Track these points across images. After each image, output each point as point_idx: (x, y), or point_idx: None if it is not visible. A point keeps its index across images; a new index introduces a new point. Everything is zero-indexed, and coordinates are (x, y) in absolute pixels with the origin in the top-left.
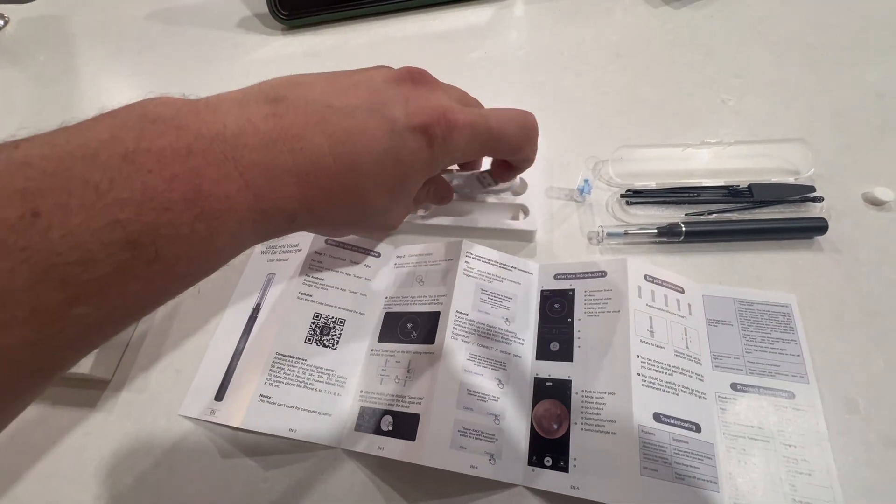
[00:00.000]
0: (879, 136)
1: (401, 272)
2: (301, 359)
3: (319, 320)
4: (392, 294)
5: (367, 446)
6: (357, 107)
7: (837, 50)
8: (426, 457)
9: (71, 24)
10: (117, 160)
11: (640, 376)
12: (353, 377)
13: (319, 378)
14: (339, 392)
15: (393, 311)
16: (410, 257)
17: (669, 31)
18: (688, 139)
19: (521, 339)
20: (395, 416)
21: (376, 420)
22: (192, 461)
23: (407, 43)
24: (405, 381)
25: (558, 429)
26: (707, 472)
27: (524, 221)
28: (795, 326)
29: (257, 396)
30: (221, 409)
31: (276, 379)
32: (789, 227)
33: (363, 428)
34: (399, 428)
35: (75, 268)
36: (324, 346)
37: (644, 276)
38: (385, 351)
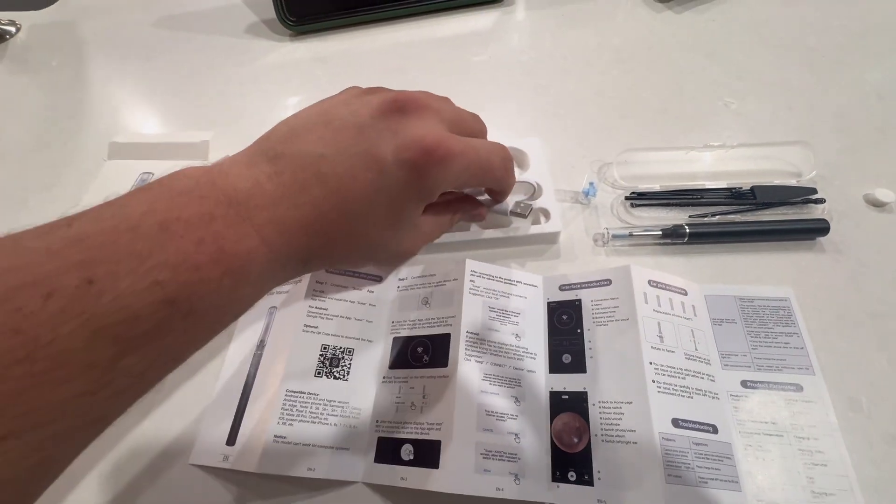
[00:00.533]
0: (880, 137)
1: (405, 295)
2: (313, 394)
3: (328, 352)
4: (398, 318)
5: (390, 478)
6: (346, 151)
7: (838, 52)
8: (452, 484)
9: (81, 31)
10: (155, 230)
11: (655, 383)
12: (368, 407)
13: (333, 412)
14: (355, 424)
15: (400, 336)
16: (413, 279)
17: (671, 35)
18: (691, 142)
19: (533, 353)
20: (415, 444)
21: (396, 450)
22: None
23: (413, 48)
24: (421, 407)
25: (579, 442)
26: (728, 472)
27: (547, 224)
28: (796, 319)
29: (272, 437)
30: (234, 454)
31: (290, 417)
32: (791, 229)
33: (383, 459)
34: (421, 456)
35: (123, 325)
36: (335, 377)
37: (648, 281)
38: (397, 378)
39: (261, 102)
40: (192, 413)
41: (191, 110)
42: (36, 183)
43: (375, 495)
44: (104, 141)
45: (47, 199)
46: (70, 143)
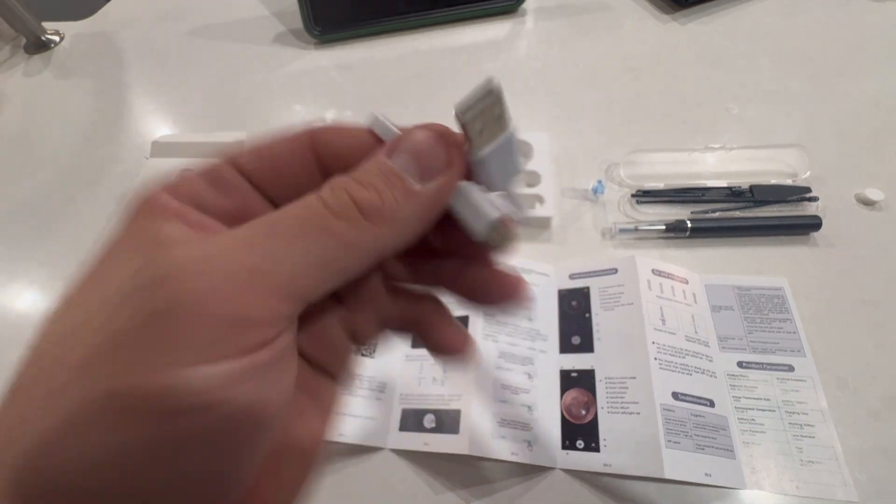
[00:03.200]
0: (873, 141)
1: None
2: None
3: None
4: None
5: (414, 443)
6: None
7: (837, 62)
8: (472, 447)
9: (120, 40)
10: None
11: (657, 360)
12: (393, 383)
13: (361, 385)
14: (381, 397)
15: None
16: None
17: (677, 45)
18: (694, 145)
19: (545, 335)
20: (436, 413)
21: (419, 419)
22: None
23: (430, 56)
24: (443, 380)
25: (586, 414)
26: (723, 441)
27: (541, 209)
28: (789, 306)
29: None
30: None
31: None
32: (786, 224)
33: (407, 428)
34: (442, 424)
35: None
36: (362, 355)
37: (651, 270)
38: (420, 356)
39: (289, 105)
40: None
41: (224, 113)
42: (82, 180)
43: (401, 460)
44: (145, 141)
45: (93, 195)
46: (113, 144)
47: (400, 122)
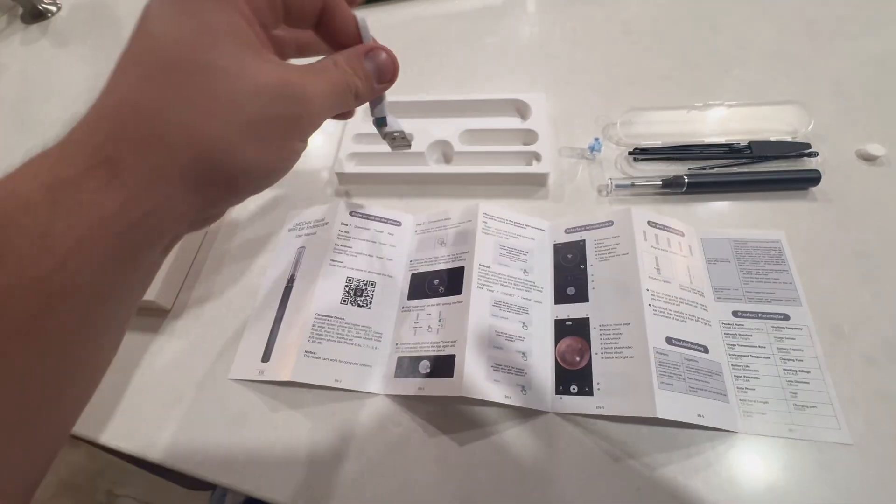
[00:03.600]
0: (875, 100)
1: (423, 237)
2: (339, 318)
3: (352, 283)
4: (416, 257)
5: (408, 388)
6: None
7: (836, 23)
8: (465, 389)
9: (118, 8)
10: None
11: (651, 307)
12: (388, 332)
13: (357, 334)
14: (377, 346)
15: (419, 272)
16: (430, 223)
17: (676, 8)
18: (694, 104)
19: (540, 287)
20: (431, 360)
21: (414, 366)
22: (242, 416)
23: (434, 21)
24: (437, 329)
25: (580, 361)
26: (717, 386)
27: (537, 166)
28: (786, 258)
29: (303, 352)
30: (269, 368)
31: (319, 336)
32: (785, 178)
33: (403, 374)
34: (437, 369)
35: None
36: (358, 305)
37: (647, 222)
38: (415, 307)
39: None
40: (229, 336)
41: None
42: None
43: (395, 405)
44: None
45: None
46: None
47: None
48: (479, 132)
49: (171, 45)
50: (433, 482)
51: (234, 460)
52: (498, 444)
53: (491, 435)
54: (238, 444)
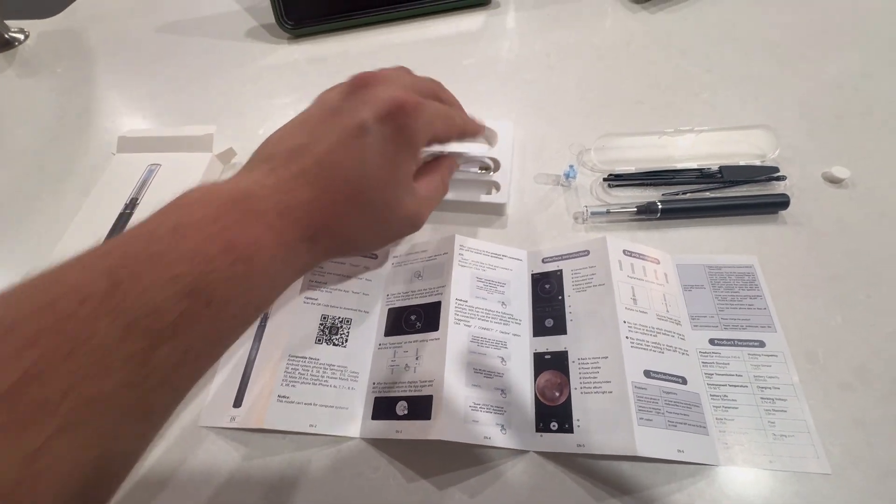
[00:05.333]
0: (838, 122)
1: (399, 270)
2: (314, 358)
3: (327, 321)
4: (392, 291)
5: (386, 431)
6: (329, 131)
7: (801, 47)
8: (443, 432)
9: (88, 37)
10: (169, 234)
11: (629, 339)
12: (365, 371)
13: (333, 375)
14: (353, 386)
15: (395, 307)
16: (406, 255)
17: (647, 33)
18: (665, 129)
19: (518, 319)
20: (409, 400)
21: (391, 407)
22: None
23: (405, 48)
24: (415, 367)
25: (560, 396)
26: (696, 418)
27: (496, 196)
28: (760, 283)
29: (276, 397)
30: (241, 415)
31: (292, 379)
32: (755, 203)
33: (380, 416)
34: (414, 410)
35: (150, 318)
36: (334, 344)
37: (623, 251)
38: (392, 343)
39: (261, 100)
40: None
41: (195, 108)
42: (48, 177)
43: (373, 449)
44: (112, 137)
45: (59, 191)
46: (80, 140)
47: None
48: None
49: (366, 185)
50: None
51: None
52: (478, 486)
53: (471, 477)
54: (208, 495)
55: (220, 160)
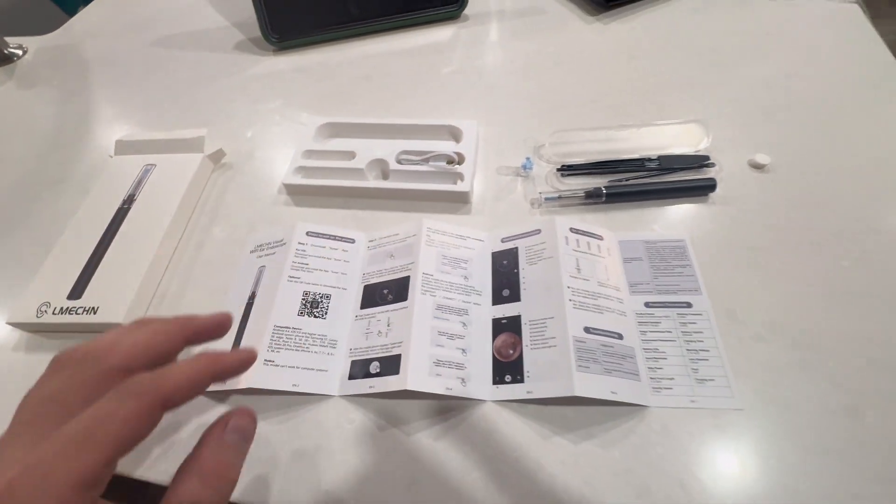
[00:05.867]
0: (764, 116)
1: (374, 252)
2: (296, 328)
3: (308, 297)
4: (368, 270)
5: (360, 387)
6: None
7: (735, 52)
8: (410, 383)
9: (84, 52)
10: None
11: (572, 301)
12: (343, 339)
13: (314, 343)
14: (332, 352)
15: (370, 284)
16: (381, 239)
17: (600, 42)
18: (612, 125)
19: (479, 290)
20: (380, 360)
21: (366, 368)
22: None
23: (380, 58)
24: (387, 333)
25: (513, 353)
26: (630, 367)
27: (460, 185)
28: (689, 255)
29: (262, 361)
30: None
31: (277, 346)
32: (687, 187)
33: (356, 376)
34: (385, 368)
35: None
36: (314, 316)
37: (569, 228)
38: (367, 314)
39: (249, 106)
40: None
41: (187, 115)
42: (47, 179)
43: (350, 404)
44: (109, 143)
45: (58, 192)
46: (78, 146)
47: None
48: (415, 152)
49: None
50: (383, 470)
51: None
52: (441, 432)
53: (435, 425)
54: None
55: (211, 160)
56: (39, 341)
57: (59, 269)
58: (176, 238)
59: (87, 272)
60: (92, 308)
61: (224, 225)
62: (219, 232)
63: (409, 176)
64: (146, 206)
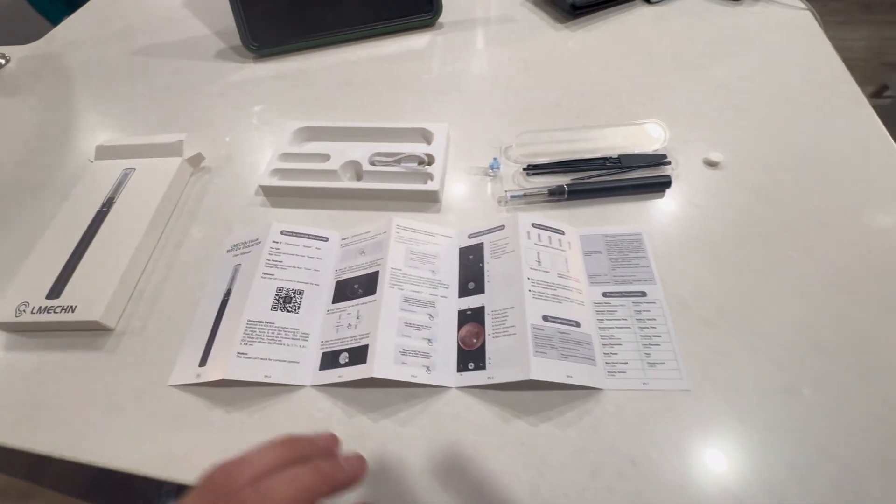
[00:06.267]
0: (718, 116)
1: (346, 249)
2: (269, 322)
3: (282, 292)
4: (340, 267)
5: (330, 377)
6: None
7: (694, 57)
8: (376, 371)
9: (67, 61)
10: None
11: (531, 292)
12: (315, 333)
13: (286, 336)
14: (304, 345)
15: (342, 279)
16: (353, 237)
17: (567, 48)
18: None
19: (446, 284)
20: (349, 351)
21: (335, 358)
22: (184, 415)
23: (357, 65)
24: (356, 325)
25: (477, 342)
26: (586, 352)
27: (430, 184)
28: (645, 247)
29: (235, 354)
30: (205, 371)
31: (250, 339)
32: (645, 184)
33: (326, 367)
34: (354, 358)
35: None
36: (287, 311)
37: (532, 224)
38: (338, 308)
39: (229, 111)
40: (170, 350)
41: (168, 121)
42: (29, 184)
43: (320, 394)
44: (91, 148)
45: (39, 197)
46: (60, 152)
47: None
48: (387, 154)
49: None
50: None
51: (172, 456)
52: (407, 418)
53: (401, 412)
54: (178, 441)
55: (190, 164)
56: (19, 341)
57: (39, 270)
58: (154, 239)
59: (65, 272)
60: (70, 307)
61: (202, 226)
62: (197, 233)
63: (382, 176)
64: (125, 209)
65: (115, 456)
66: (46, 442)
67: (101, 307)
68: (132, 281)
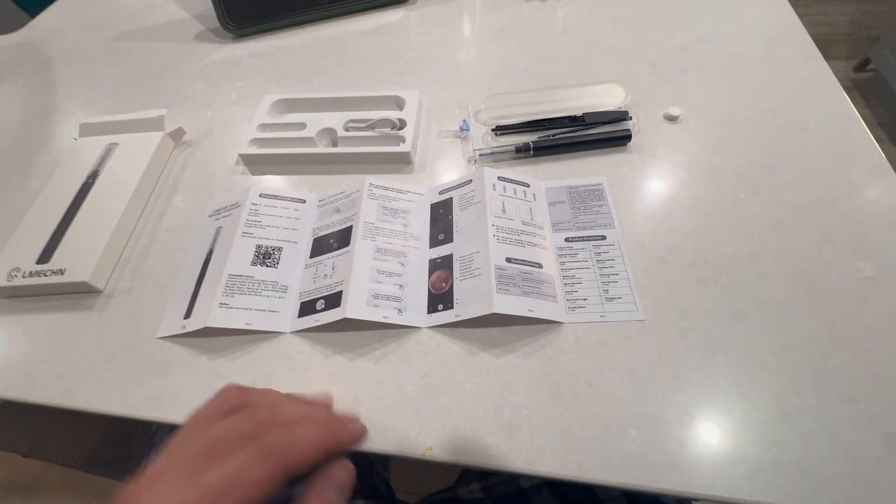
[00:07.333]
0: (680, 75)
1: (322, 209)
2: (249, 276)
3: (261, 249)
4: (317, 224)
5: (307, 322)
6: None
7: (657, 21)
8: (348, 312)
9: (49, 49)
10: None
11: (495, 237)
12: (293, 285)
13: (265, 288)
14: (283, 296)
15: (318, 236)
16: (329, 198)
17: (536, 18)
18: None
19: (418, 237)
20: (325, 298)
21: (312, 305)
22: (171, 363)
23: (333, 41)
24: (331, 275)
25: (446, 286)
26: (547, 290)
27: (402, 146)
28: (606, 196)
29: (217, 304)
30: (190, 322)
31: (231, 291)
32: (606, 138)
33: (304, 314)
34: (329, 304)
35: None
36: (266, 266)
37: (497, 177)
38: (315, 262)
39: (209, 88)
40: (157, 308)
41: (149, 100)
42: (16, 163)
43: (299, 339)
44: (75, 128)
45: (26, 175)
46: (44, 133)
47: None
48: (361, 121)
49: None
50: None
51: (161, 399)
52: (381, 356)
53: (375, 351)
54: (166, 386)
55: (172, 138)
56: (12, 305)
57: (28, 238)
58: (139, 208)
59: (54, 239)
60: (60, 270)
61: (185, 195)
62: (180, 201)
63: (356, 141)
64: (109, 180)
65: (106, 402)
66: (42, 394)
67: (90, 269)
68: (118, 246)
